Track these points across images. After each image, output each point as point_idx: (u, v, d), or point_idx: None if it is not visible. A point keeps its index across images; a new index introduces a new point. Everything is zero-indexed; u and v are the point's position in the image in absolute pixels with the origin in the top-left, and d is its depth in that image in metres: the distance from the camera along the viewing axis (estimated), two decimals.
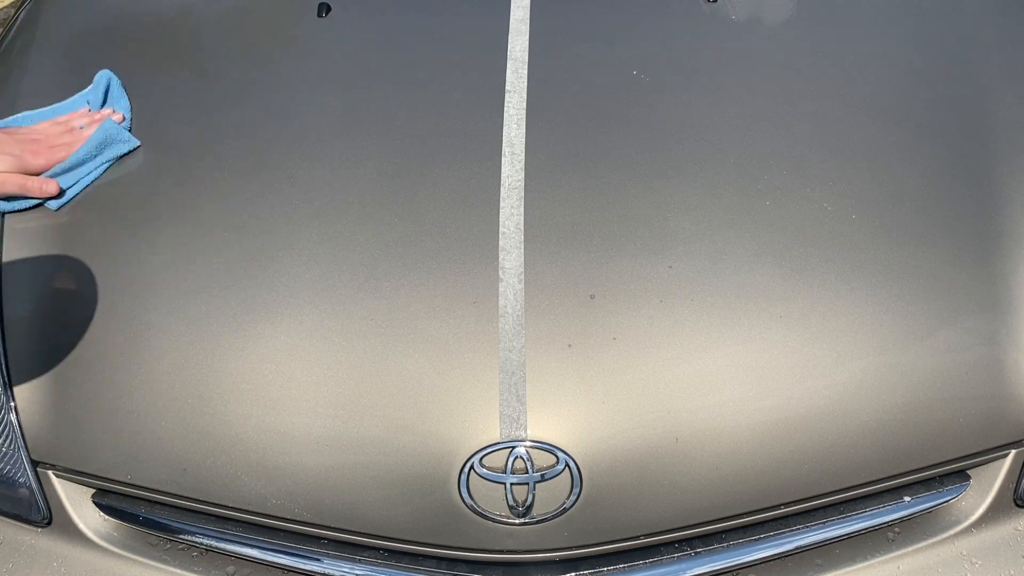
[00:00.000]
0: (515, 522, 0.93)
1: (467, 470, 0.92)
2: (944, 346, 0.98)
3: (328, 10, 1.34)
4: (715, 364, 0.95)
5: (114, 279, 1.06)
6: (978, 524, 1.03)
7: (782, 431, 0.94)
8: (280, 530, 1.00)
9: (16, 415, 1.00)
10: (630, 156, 1.10)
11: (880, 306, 0.99)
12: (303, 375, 0.96)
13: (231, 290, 1.01)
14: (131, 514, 1.02)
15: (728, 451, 0.93)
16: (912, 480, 1.01)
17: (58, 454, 1.00)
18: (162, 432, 0.96)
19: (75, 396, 0.99)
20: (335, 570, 0.99)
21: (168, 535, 1.03)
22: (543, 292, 0.98)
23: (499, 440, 0.92)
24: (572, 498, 0.92)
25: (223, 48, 1.32)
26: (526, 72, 1.20)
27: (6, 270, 1.08)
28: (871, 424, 0.95)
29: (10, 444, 1.01)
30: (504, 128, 1.12)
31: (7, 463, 1.02)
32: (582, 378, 0.94)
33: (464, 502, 0.92)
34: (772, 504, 0.96)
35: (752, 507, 0.96)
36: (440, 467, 0.92)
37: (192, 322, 1.00)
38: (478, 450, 0.92)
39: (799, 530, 1.00)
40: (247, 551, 1.00)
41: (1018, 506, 1.04)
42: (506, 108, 1.15)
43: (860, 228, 1.04)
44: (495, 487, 0.92)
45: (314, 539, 1.00)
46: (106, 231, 1.09)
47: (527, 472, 0.92)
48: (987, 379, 0.98)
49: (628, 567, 0.98)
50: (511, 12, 1.29)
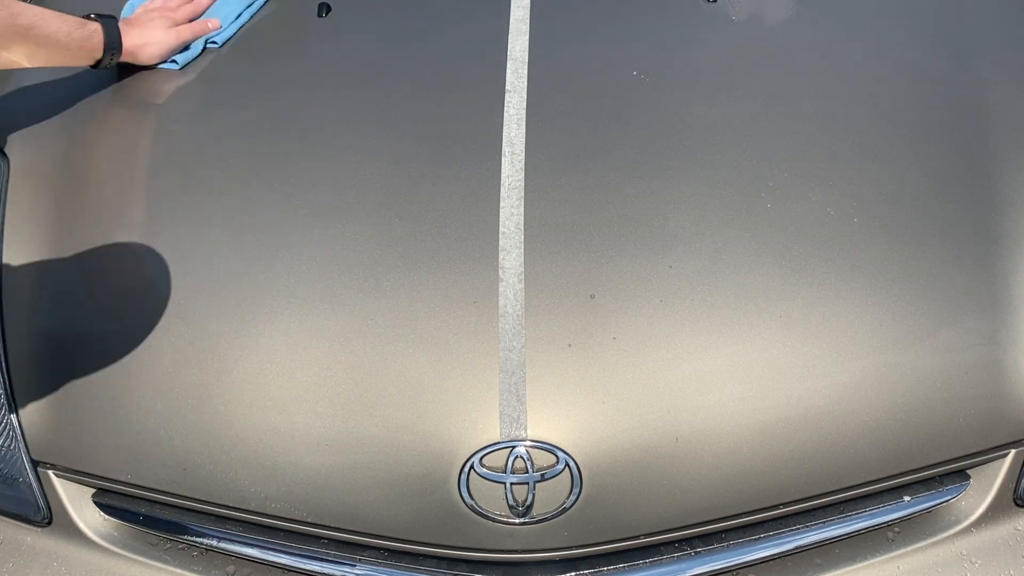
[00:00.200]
0: (515, 522, 0.93)
1: (467, 470, 0.92)
2: (944, 346, 0.98)
3: (328, 10, 1.34)
4: (715, 364, 0.95)
5: (114, 279, 1.06)
6: (978, 524, 1.02)
7: (782, 431, 0.94)
8: (280, 530, 1.00)
9: (16, 415, 1.00)
10: (630, 156, 1.10)
11: (880, 306, 0.99)
12: (303, 375, 0.96)
13: (231, 290, 1.01)
14: (131, 514, 1.02)
15: (728, 451, 0.93)
16: (912, 480, 1.00)
17: (58, 453, 1.00)
18: (162, 432, 0.96)
19: (75, 396, 0.99)
20: (335, 570, 0.99)
21: (168, 535, 1.03)
22: (543, 292, 0.98)
23: (499, 440, 0.92)
24: (572, 498, 0.92)
25: (222, 48, 1.32)
26: (526, 72, 1.20)
27: (6, 270, 1.08)
28: (871, 424, 0.95)
29: (10, 444, 1.01)
30: (504, 128, 1.12)
31: (7, 463, 1.02)
32: (582, 378, 0.93)
33: (464, 502, 0.92)
34: (772, 504, 0.96)
35: (752, 507, 0.96)
36: (440, 467, 0.92)
37: (192, 322, 1.00)
38: (478, 450, 0.92)
39: (799, 530, 1.00)
40: (247, 551, 1.00)
41: (1018, 506, 1.03)
42: (506, 108, 1.15)
43: (860, 228, 1.04)
44: (495, 487, 0.92)
45: (314, 539, 1.00)
46: (106, 231, 1.09)
47: (527, 472, 0.92)
48: (987, 379, 0.98)
49: (628, 567, 0.98)
50: (511, 12, 1.29)
